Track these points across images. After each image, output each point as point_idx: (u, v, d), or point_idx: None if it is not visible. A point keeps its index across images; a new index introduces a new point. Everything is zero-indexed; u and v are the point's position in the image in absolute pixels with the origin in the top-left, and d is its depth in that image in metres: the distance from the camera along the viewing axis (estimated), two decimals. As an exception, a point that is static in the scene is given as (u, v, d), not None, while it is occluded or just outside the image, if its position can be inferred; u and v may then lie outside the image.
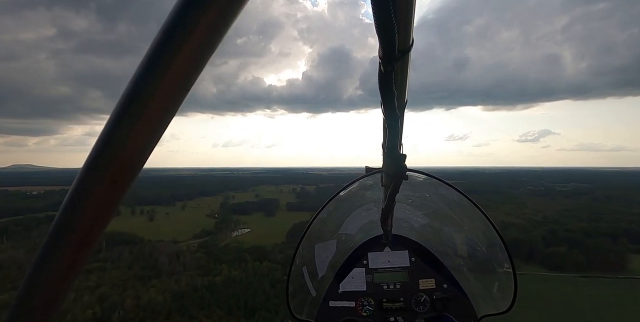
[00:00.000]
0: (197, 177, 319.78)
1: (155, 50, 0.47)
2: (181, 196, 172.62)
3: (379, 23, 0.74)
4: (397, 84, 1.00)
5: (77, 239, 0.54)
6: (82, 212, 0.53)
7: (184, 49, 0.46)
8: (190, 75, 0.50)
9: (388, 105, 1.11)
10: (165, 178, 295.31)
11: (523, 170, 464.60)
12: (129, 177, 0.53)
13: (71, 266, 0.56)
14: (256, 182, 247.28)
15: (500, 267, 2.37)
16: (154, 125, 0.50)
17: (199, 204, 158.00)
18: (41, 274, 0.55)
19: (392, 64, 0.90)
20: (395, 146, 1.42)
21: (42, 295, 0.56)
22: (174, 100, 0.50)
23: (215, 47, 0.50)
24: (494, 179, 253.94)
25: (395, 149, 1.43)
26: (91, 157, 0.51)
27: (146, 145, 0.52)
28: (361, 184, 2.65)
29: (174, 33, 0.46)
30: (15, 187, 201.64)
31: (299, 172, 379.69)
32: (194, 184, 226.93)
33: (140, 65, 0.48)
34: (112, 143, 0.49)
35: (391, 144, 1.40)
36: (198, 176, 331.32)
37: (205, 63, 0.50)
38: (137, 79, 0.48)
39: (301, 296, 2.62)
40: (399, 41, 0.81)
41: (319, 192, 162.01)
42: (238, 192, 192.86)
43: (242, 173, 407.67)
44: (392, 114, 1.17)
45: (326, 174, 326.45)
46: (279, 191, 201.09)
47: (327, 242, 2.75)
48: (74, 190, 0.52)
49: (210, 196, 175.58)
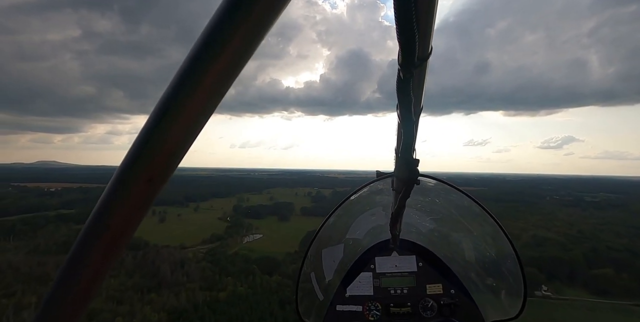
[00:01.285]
0: (214, 177, 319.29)
1: (195, 54, 0.48)
2: (195, 197, 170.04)
3: (400, 31, 0.76)
4: (415, 90, 1.03)
5: (111, 236, 0.55)
6: (118, 210, 0.54)
7: (223, 54, 0.48)
8: (226, 79, 0.51)
9: (405, 111, 1.14)
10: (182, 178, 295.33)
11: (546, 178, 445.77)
12: (164, 175, 0.54)
13: (103, 264, 0.57)
14: (271, 184, 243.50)
15: (510, 273, 2.33)
16: (191, 126, 0.53)
17: (212, 205, 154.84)
18: (74, 271, 0.56)
19: (411, 71, 0.92)
20: (409, 151, 1.43)
21: (74, 292, 0.57)
22: (211, 102, 0.53)
23: (252, 52, 0.51)
24: (516, 187, 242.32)
25: (409, 154, 1.45)
26: (129, 155, 0.52)
27: (182, 145, 0.53)
28: (372, 189, 2.66)
29: (214, 38, 0.48)
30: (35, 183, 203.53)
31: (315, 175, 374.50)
32: (209, 185, 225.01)
33: (180, 68, 0.49)
34: (150, 142, 0.51)
35: (405, 149, 1.42)
36: (214, 177, 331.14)
37: (242, 68, 0.52)
38: (176, 82, 0.49)
39: (309, 300, 2.64)
40: (418, 49, 0.83)
41: (336, 197, 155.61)
42: (252, 194, 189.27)
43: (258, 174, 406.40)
44: (408, 119, 1.20)
45: (342, 178, 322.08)
46: (294, 194, 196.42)
47: (334, 247, 2.76)
48: (111, 187, 0.53)
49: (224, 198, 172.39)
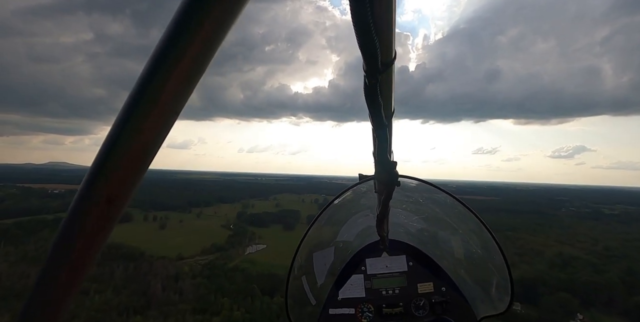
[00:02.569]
0: (220, 181, 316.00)
1: (147, 71, 0.48)
2: (199, 202, 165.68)
3: (360, 37, 0.77)
4: (383, 95, 1.05)
5: (75, 258, 0.54)
6: (79, 232, 0.53)
7: (177, 71, 0.48)
8: (180, 97, 0.51)
9: (375, 116, 1.15)
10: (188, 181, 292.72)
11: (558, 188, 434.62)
12: (124, 195, 0.53)
13: (68, 287, 0.55)
14: (278, 190, 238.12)
15: (496, 268, 2.37)
16: (147, 146, 0.52)
17: (216, 212, 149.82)
18: (41, 294, 0.54)
19: (376, 77, 0.94)
20: (385, 154, 1.47)
21: (41, 318, 0.55)
22: (166, 122, 0.52)
23: (209, 60, 0.51)
24: (528, 197, 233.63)
25: (386, 157, 1.48)
26: (87, 177, 0.51)
27: (141, 163, 0.53)
28: (355, 192, 2.68)
29: (166, 51, 0.47)
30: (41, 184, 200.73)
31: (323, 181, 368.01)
32: (215, 190, 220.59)
33: (134, 86, 0.49)
34: (108, 162, 0.50)
35: (381, 152, 1.45)
36: (221, 181, 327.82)
37: (196, 82, 0.51)
38: (131, 100, 0.49)
39: (301, 304, 2.63)
40: (381, 55, 0.84)
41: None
42: (258, 201, 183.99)
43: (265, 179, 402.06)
44: (379, 124, 1.22)
45: (349, 184, 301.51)
46: (301, 200, 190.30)
47: (325, 250, 2.76)
48: (72, 210, 0.52)
49: (229, 203, 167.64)
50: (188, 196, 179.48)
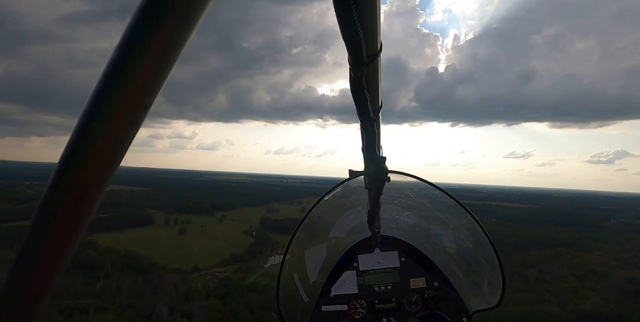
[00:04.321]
0: (247, 183, 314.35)
1: (112, 66, 0.46)
2: (223, 204, 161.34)
3: (344, 30, 0.75)
4: (369, 88, 1.04)
5: (45, 261, 0.52)
6: (49, 233, 0.51)
7: (144, 63, 0.46)
8: (150, 91, 0.49)
9: (362, 110, 1.15)
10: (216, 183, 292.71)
11: (599, 195, 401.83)
12: (94, 194, 0.51)
13: (41, 290, 0.53)
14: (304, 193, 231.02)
15: (488, 262, 2.40)
16: (117, 142, 0.50)
17: (239, 216, 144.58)
18: (10, 297, 0.52)
19: (361, 69, 0.93)
20: (373, 149, 1.45)
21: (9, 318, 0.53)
22: (135, 117, 0.50)
23: (178, 53, 0.49)
24: (569, 206, 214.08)
25: (374, 152, 1.47)
26: (56, 174, 0.49)
27: (109, 161, 0.50)
28: (345, 188, 2.70)
29: (133, 42, 0.46)
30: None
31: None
32: (239, 192, 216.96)
33: (99, 81, 0.47)
34: (75, 160, 0.49)
35: (369, 147, 1.45)
36: (248, 182, 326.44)
37: (164, 78, 0.50)
38: (95, 96, 0.47)
39: (293, 302, 2.65)
40: (366, 47, 0.83)
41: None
42: (283, 204, 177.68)
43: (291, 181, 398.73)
44: (366, 118, 1.21)
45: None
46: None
47: (317, 247, 2.78)
48: (40, 208, 0.50)
49: (253, 207, 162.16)
50: (213, 198, 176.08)
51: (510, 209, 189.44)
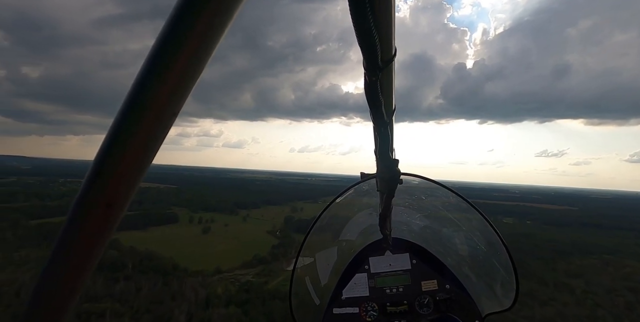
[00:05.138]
0: (271, 181, 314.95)
1: (143, 75, 0.48)
2: (247, 203, 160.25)
3: (360, 35, 0.76)
4: (384, 92, 1.05)
5: (75, 264, 0.54)
6: (79, 238, 0.53)
7: (173, 72, 0.47)
8: (177, 98, 0.50)
9: (376, 113, 1.16)
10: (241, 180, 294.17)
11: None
12: (123, 201, 0.53)
13: (69, 294, 0.55)
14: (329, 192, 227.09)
15: (501, 264, 2.38)
16: (145, 149, 0.51)
17: (263, 215, 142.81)
18: (40, 300, 0.54)
19: (376, 74, 0.93)
20: (387, 152, 1.47)
21: None
22: (164, 124, 0.51)
23: (206, 62, 0.50)
24: (607, 206, 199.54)
25: (387, 155, 1.49)
26: (87, 180, 0.51)
27: (138, 168, 0.52)
28: (357, 190, 2.70)
29: (163, 54, 0.47)
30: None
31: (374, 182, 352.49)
32: (264, 190, 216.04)
33: (130, 90, 0.49)
34: (106, 167, 0.50)
35: (383, 150, 1.46)
36: (272, 180, 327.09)
37: (192, 86, 0.51)
38: (126, 105, 0.49)
39: (305, 304, 2.66)
40: (381, 52, 0.84)
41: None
42: (307, 203, 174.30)
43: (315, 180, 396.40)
44: (381, 121, 1.22)
45: (402, 187, 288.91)
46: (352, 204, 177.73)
47: (328, 250, 2.78)
48: (71, 214, 0.52)
49: (278, 205, 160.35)
50: (237, 196, 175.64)
51: (545, 210, 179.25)
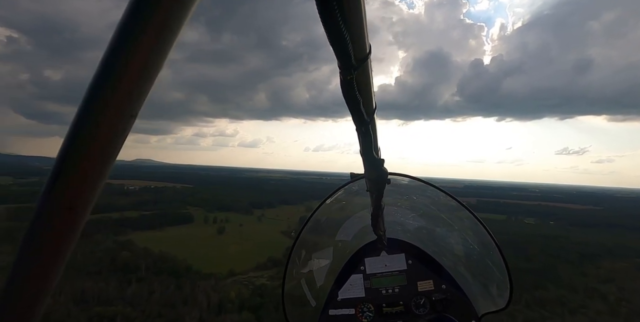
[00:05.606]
0: (286, 180, 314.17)
1: (98, 75, 0.47)
2: (262, 203, 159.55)
3: (329, 35, 0.75)
4: (362, 91, 1.04)
5: (40, 268, 0.53)
6: (43, 241, 0.52)
7: (127, 77, 0.47)
8: (136, 100, 0.49)
9: (356, 113, 1.15)
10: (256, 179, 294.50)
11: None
12: (85, 203, 0.52)
13: (35, 298, 0.54)
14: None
15: (494, 264, 2.39)
16: (105, 151, 0.50)
17: (277, 214, 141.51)
18: (7, 304, 0.53)
19: (351, 73, 0.93)
20: (371, 151, 1.45)
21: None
22: (123, 126, 0.50)
23: (167, 52, 0.49)
24: (634, 206, 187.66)
25: (372, 154, 1.46)
26: (47, 184, 0.50)
27: (100, 169, 0.51)
28: (347, 191, 2.69)
29: (121, 48, 0.46)
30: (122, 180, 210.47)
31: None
32: (279, 190, 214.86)
33: (86, 91, 0.48)
34: (66, 168, 0.49)
35: (367, 150, 1.44)
36: (287, 180, 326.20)
37: (150, 87, 0.50)
38: (83, 107, 0.48)
39: (300, 306, 2.65)
40: (354, 50, 0.83)
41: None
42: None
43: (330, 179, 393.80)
44: (361, 120, 1.21)
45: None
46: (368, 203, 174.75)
47: (323, 251, 2.77)
48: (34, 218, 0.51)
49: (293, 205, 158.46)
50: (252, 196, 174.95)
51: (568, 210, 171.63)
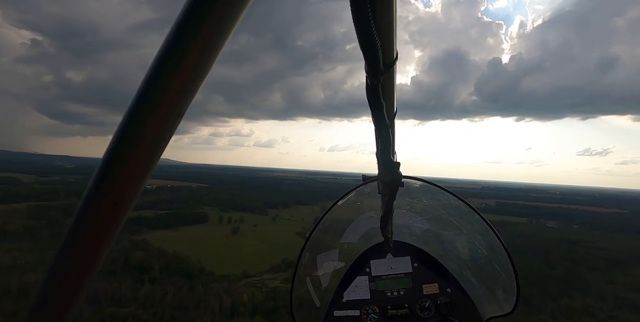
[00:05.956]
0: (301, 180, 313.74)
1: (149, 77, 0.50)
2: (277, 203, 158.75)
3: (362, 39, 0.78)
4: (385, 95, 1.07)
5: (82, 261, 0.55)
6: (86, 235, 0.54)
7: (180, 74, 0.49)
8: (184, 99, 0.52)
9: (378, 116, 1.18)
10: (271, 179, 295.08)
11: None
12: (129, 199, 0.54)
13: (75, 291, 0.56)
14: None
15: (502, 268, 2.39)
16: (152, 148, 0.53)
17: (292, 215, 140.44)
18: (47, 297, 0.56)
19: (378, 78, 0.95)
20: (388, 155, 1.49)
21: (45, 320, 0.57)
22: (170, 124, 0.53)
23: (213, 60, 0.51)
24: None
25: (389, 157, 1.51)
26: (94, 178, 0.52)
27: (144, 167, 0.53)
28: (359, 193, 2.72)
29: (171, 52, 0.49)
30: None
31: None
32: (294, 190, 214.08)
33: (137, 92, 0.50)
34: (113, 166, 0.52)
35: (384, 153, 1.48)
36: (302, 180, 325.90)
37: (198, 87, 0.52)
38: (134, 105, 0.50)
39: (305, 307, 2.66)
40: (383, 56, 0.86)
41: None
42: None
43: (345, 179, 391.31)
44: (382, 124, 1.24)
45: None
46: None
47: (329, 252, 2.79)
48: (79, 212, 0.54)
49: (307, 205, 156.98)
50: (267, 196, 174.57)
51: (591, 213, 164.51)
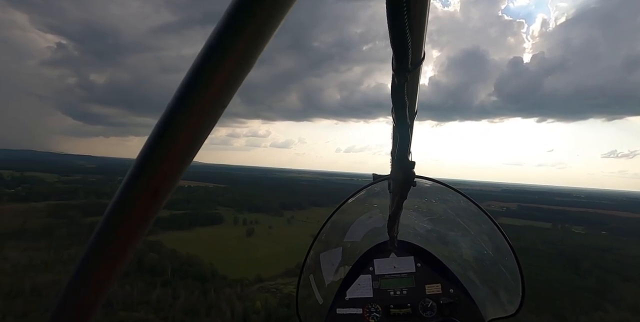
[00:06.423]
0: (317, 181, 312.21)
1: (195, 68, 0.51)
2: (292, 204, 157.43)
3: (394, 37, 0.79)
4: (409, 94, 1.09)
5: (116, 248, 0.57)
6: (124, 222, 0.55)
7: (226, 65, 0.51)
8: (227, 91, 0.53)
9: (399, 114, 1.20)
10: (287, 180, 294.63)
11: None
12: (168, 187, 0.55)
13: (107, 276, 0.58)
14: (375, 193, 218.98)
15: (508, 270, 2.38)
16: (193, 138, 0.54)
17: (307, 217, 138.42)
18: (79, 282, 0.58)
19: (404, 76, 0.97)
20: (405, 154, 1.51)
21: (79, 303, 0.59)
22: (213, 114, 0.54)
23: (256, 58, 0.53)
24: None
25: (405, 157, 1.53)
26: (135, 167, 0.53)
27: (186, 156, 0.54)
28: (369, 191, 2.70)
29: (216, 47, 0.50)
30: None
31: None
32: (309, 191, 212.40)
33: (182, 82, 0.52)
34: (155, 154, 0.53)
35: (401, 152, 1.50)
36: (317, 181, 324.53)
37: (244, 76, 0.54)
38: (179, 95, 0.52)
39: (310, 304, 2.67)
40: (412, 54, 0.87)
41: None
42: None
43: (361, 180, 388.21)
44: (402, 123, 1.26)
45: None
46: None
47: (332, 250, 2.78)
48: (118, 198, 0.55)
49: (323, 207, 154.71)
50: (283, 197, 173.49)
51: (619, 218, 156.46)
